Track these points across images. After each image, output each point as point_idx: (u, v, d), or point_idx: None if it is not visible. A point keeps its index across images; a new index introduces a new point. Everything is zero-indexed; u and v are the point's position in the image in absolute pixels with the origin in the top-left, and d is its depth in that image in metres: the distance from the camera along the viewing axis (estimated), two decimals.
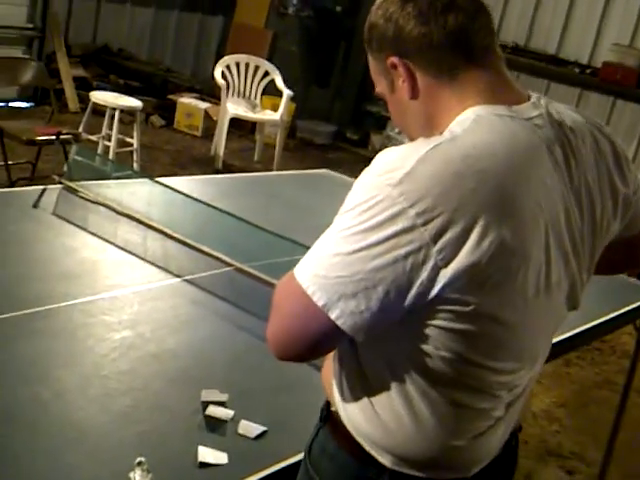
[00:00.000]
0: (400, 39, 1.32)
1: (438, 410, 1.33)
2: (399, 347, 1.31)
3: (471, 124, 1.26)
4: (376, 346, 1.32)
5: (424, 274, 1.18)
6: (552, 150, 1.32)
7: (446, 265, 1.18)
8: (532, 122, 1.31)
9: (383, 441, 1.37)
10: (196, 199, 3.01)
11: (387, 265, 1.18)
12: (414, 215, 1.16)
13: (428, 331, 1.26)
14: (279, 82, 7.62)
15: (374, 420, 1.37)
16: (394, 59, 1.33)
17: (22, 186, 4.83)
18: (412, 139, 1.35)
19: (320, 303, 1.21)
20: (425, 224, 1.16)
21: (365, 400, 1.37)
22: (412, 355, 1.30)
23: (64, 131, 5.41)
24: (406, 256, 1.17)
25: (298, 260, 1.28)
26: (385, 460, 1.38)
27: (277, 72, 7.69)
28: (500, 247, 1.19)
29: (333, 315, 1.21)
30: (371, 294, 1.19)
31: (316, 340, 1.27)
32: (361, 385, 1.38)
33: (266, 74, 7.73)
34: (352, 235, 1.19)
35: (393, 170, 1.19)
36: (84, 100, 7.09)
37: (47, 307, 2.26)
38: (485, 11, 1.34)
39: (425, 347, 1.27)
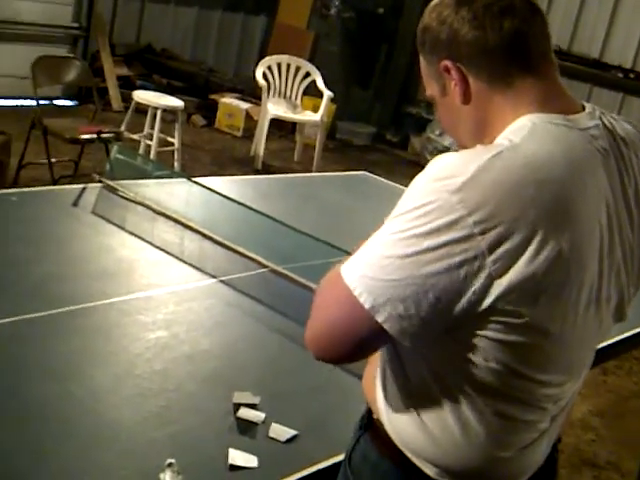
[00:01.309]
0: (454, 43, 1.29)
1: (485, 419, 1.30)
2: (445, 355, 1.29)
3: (529, 132, 1.23)
4: (421, 353, 1.30)
5: (477, 283, 1.16)
6: (607, 162, 1.29)
7: (500, 276, 1.15)
8: (588, 132, 1.28)
9: (428, 450, 1.35)
10: (233, 200, 3.02)
11: (440, 272, 1.15)
12: (472, 223, 1.13)
13: (477, 341, 1.23)
14: (320, 83, 7.62)
15: (420, 428, 1.34)
16: (447, 62, 1.31)
17: (64, 184, 4.88)
18: (461, 144, 1.34)
19: (367, 305, 1.19)
20: (483, 233, 1.14)
21: (411, 407, 1.35)
22: (459, 364, 1.27)
23: (106, 130, 5.46)
24: (460, 264, 1.15)
25: (333, 263, 1.27)
26: (429, 470, 1.36)
27: (318, 73, 7.68)
28: (557, 259, 1.17)
29: (380, 318, 1.19)
30: (421, 299, 1.17)
31: (360, 342, 1.25)
32: (407, 392, 1.36)
33: (307, 75, 7.73)
34: (406, 239, 1.16)
35: (452, 176, 1.16)
36: (127, 99, 7.14)
37: (83, 305, 2.28)
38: (542, 16, 1.32)
39: (473, 357, 1.25)
